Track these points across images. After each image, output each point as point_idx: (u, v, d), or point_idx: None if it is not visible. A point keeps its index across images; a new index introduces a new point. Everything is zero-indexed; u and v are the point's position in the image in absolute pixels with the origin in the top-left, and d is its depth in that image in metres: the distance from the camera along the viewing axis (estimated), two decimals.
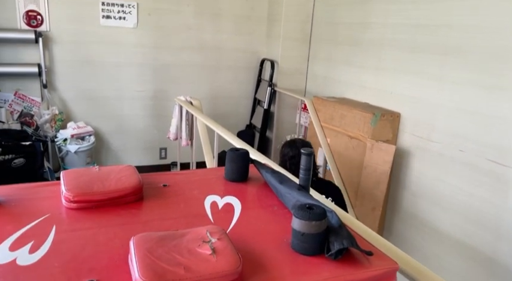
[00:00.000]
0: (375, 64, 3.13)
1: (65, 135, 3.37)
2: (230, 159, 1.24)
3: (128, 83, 3.74)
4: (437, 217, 2.59)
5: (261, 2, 4.05)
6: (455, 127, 2.47)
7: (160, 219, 0.99)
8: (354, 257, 0.85)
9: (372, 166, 2.85)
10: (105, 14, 3.50)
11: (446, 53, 2.50)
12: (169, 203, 1.07)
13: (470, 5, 2.33)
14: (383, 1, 3.01)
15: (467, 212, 2.38)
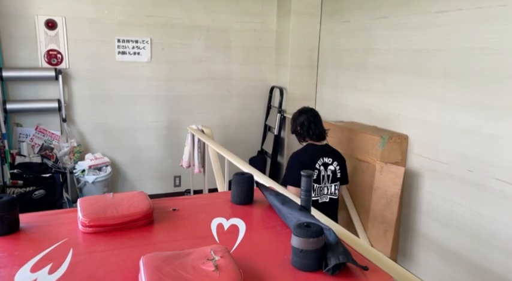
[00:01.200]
0: (380, 88, 3.21)
1: (83, 167, 3.50)
2: (236, 183, 1.31)
3: (143, 115, 3.90)
4: (450, 238, 2.58)
5: (268, 33, 4.21)
6: (461, 147, 2.49)
7: (169, 241, 1.06)
8: (351, 272, 0.89)
9: (382, 188, 2.87)
10: (120, 50, 3.69)
11: (448, 75, 2.56)
12: (177, 226, 1.14)
13: (468, 29, 2.41)
14: (384, 28, 3.12)
15: (479, 232, 2.37)
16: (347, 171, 2.75)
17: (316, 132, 2.65)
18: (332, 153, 2.67)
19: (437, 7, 2.62)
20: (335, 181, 2.62)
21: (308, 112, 2.73)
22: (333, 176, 2.62)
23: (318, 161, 2.59)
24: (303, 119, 2.68)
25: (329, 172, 2.61)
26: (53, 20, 3.47)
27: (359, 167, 3.10)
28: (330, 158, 2.62)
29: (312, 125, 2.65)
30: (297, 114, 2.75)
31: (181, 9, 3.83)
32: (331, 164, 2.61)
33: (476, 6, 2.36)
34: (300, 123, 2.68)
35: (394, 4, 3.01)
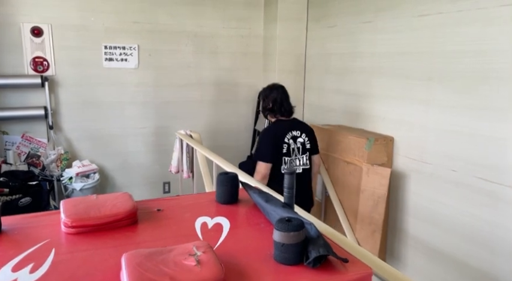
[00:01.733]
0: (366, 91, 3.25)
1: (70, 174, 3.47)
2: (220, 182, 1.31)
3: (131, 121, 3.89)
4: (436, 237, 2.61)
5: (256, 39, 4.25)
6: (445, 148, 2.54)
7: (153, 240, 1.06)
8: (331, 265, 0.91)
9: (369, 189, 2.89)
10: (107, 56, 3.69)
11: (431, 78, 2.61)
12: (161, 226, 1.14)
13: (449, 32, 2.46)
14: (369, 32, 3.17)
15: (463, 230, 2.40)
16: (316, 141, 2.89)
17: (288, 108, 2.78)
18: (300, 126, 2.80)
19: (419, 11, 2.68)
20: (305, 152, 2.76)
21: (279, 88, 2.83)
22: (302, 148, 2.76)
23: (287, 135, 2.72)
24: (276, 96, 2.78)
25: (298, 144, 2.74)
26: (39, 27, 3.46)
27: (347, 169, 3.12)
28: (298, 131, 2.76)
29: (284, 102, 2.78)
30: (268, 91, 2.83)
31: (168, 16, 3.85)
32: (299, 137, 2.75)
33: (456, 9, 2.42)
34: (273, 100, 2.77)
35: (378, 9, 3.06)
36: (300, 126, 2.80)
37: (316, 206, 3.54)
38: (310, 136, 2.81)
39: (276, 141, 2.70)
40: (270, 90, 2.84)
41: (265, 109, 2.85)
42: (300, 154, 2.75)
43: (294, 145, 2.73)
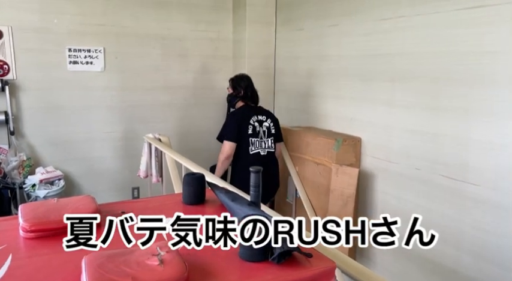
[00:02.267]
0: (333, 93, 3.31)
1: (33, 181, 3.34)
2: (186, 183, 1.30)
3: (97, 126, 3.79)
4: (403, 235, 2.67)
5: (225, 42, 4.25)
6: (409, 147, 2.62)
7: (114, 242, 1.03)
8: (296, 260, 0.92)
9: (338, 189, 2.94)
10: (72, 59, 3.59)
11: (394, 79, 2.70)
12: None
13: (413, 35, 2.54)
14: (336, 35, 3.24)
15: (427, 227, 2.47)
16: (281, 130, 3.16)
17: (256, 95, 3.10)
18: (265, 112, 3.09)
19: (382, 15, 2.77)
20: (270, 136, 3.03)
21: (247, 78, 3.13)
22: (268, 132, 3.02)
23: (253, 117, 2.99)
24: (247, 83, 3.08)
25: (264, 128, 3.01)
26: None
27: (316, 170, 3.17)
28: (263, 116, 3.04)
29: (252, 89, 3.09)
30: (239, 79, 3.11)
31: (133, 18, 3.79)
32: (265, 121, 3.02)
33: (415, 13, 2.52)
34: (245, 87, 3.06)
35: (344, 13, 3.14)
36: (265, 112, 3.08)
37: (287, 207, 3.57)
38: (275, 123, 3.08)
39: (241, 122, 2.94)
40: (241, 78, 3.12)
41: (236, 96, 3.08)
42: (265, 137, 3.01)
43: (260, 128, 2.98)
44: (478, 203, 2.23)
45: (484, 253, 2.21)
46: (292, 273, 0.87)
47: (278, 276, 0.86)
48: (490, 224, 2.18)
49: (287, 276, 0.86)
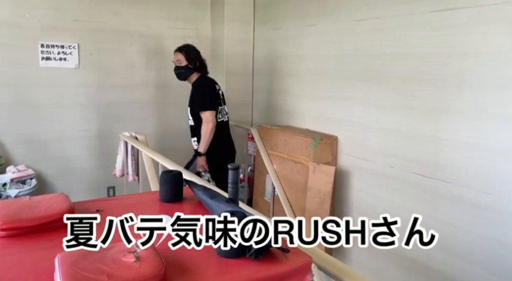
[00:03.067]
0: (311, 93, 3.35)
1: (4, 180, 3.24)
2: (163, 181, 1.29)
3: (71, 124, 3.70)
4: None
5: (203, 40, 4.22)
6: (383, 146, 2.68)
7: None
8: (273, 256, 0.92)
9: (315, 187, 2.98)
10: (44, 55, 3.49)
11: (370, 79, 2.75)
12: (101, 226, 1.10)
13: (389, 36, 2.59)
14: (313, 35, 3.27)
15: (403, 224, 2.54)
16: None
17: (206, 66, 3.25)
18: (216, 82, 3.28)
19: (358, 16, 2.81)
20: (225, 103, 3.27)
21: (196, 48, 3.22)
22: (223, 99, 3.26)
23: (216, 86, 3.20)
24: (199, 54, 3.19)
25: (221, 95, 3.24)
26: None
27: (294, 168, 3.19)
28: (218, 85, 3.24)
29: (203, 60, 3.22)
30: (194, 51, 3.18)
31: (110, 14, 3.72)
32: (220, 89, 3.25)
33: (391, 14, 2.57)
34: (200, 58, 3.17)
35: (321, 13, 3.17)
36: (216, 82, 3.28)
37: (265, 205, 3.58)
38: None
39: (214, 90, 3.15)
40: (194, 49, 3.19)
41: (197, 65, 3.13)
42: (223, 104, 3.24)
43: (222, 96, 3.23)
44: (449, 200, 2.30)
45: (454, 248, 2.29)
46: (269, 268, 0.88)
47: (255, 271, 0.86)
48: (460, 220, 2.26)
49: (264, 271, 0.87)
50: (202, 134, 3.03)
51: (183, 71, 3.14)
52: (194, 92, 3.15)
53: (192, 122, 3.19)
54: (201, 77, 3.17)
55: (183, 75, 3.17)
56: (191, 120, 3.19)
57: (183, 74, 3.16)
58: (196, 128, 3.14)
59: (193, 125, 3.18)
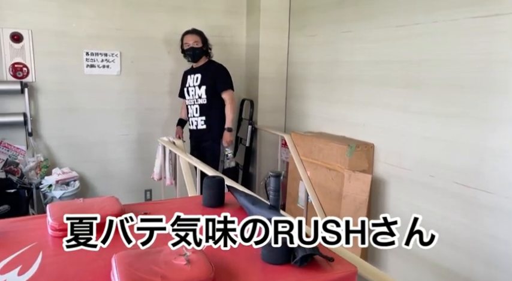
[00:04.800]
0: (346, 99, 3.33)
1: (49, 182, 3.41)
2: (207, 186, 1.33)
3: (112, 128, 3.85)
4: (415, 242, 2.67)
5: (238, 47, 4.29)
6: (422, 154, 2.62)
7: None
8: (318, 264, 0.94)
9: (350, 195, 2.95)
10: (89, 63, 3.66)
11: (408, 86, 2.70)
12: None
13: (429, 42, 2.55)
14: (348, 42, 3.26)
15: (441, 234, 2.47)
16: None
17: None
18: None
19: (397, 22, 2.78)
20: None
21: None
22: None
23: None
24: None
25: None
26: (19, 33, 3.41)
27: (329, 176, 3.18)
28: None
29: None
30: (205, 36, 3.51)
31: (150, 23, 3.86)
32: None
33: (431, 20, 2.53)
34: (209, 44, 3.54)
35: (357, 19, 3.16)
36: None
37: (298, 212, 3.58)
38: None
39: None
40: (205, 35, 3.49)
41: (204, 51, 3.49)
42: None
43: None
44: (492, 211, 2.23)
45: (497, 261, 2.20)
46: (314, 276, 0.89)
47: (300, 279, 0.88)
48: (502, 232, 2.17)
49: (309, 279, 0.88)
50: (229, 112, 3.43)
51: (199, 52, 3.44)
52: (216, 72, 3.45)
53: (205, 101, 3.45)
54: (212, 60, 3.54)
55: (198, 56, 3.46)
56: (202, 99, 3.45)
57: (198, 55, 3.45)
58: (209, 107, 3.44)
59: (206, 103, 3.45)
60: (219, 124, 3.48)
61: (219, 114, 3.48)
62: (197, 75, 3.47)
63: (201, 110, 3.47)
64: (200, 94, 3.43)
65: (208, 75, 3.44)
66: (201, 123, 3.48)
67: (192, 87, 3.51)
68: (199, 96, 3.44)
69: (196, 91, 3.46)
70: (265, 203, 1.23)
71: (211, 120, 3.48)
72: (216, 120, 3.48)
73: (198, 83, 3.46)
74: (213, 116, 3.46)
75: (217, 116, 3.48)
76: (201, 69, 3.49)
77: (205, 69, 3.48)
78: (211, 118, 3.47)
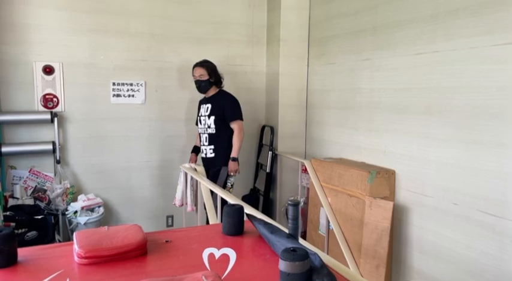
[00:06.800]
0: (366, 126, 3.33)
1: (75, 208, 3.50)
2: (226, 214, 1.36)
3: (136, 155, 3.96)
4: (441, 271, 2.59)
5: (259, 75, 4.40)
6: (445, 181, 2.58)
7: (162, 269, 1.10)
8: None
9: (372, 222, 2.91)
10: (115, 93, 3.82)
11: (429, 112, 2.70)
12: (170, 256, 1.18)
13: (448, 70, 2.55)
14: (368, 69, 3.30)
15: (467, 264, 2.40)
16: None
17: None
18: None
19: (416, 50, 2.81)
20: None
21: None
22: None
23: None
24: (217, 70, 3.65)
25: None
26: (51, 66, 3.61)
27: (349, 202, 3.15)
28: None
29: None
30: (214, 66, 3.60)
31: (174, 54, 4.01)
32: None
33: (451, 48, 2.54)
34: (218, 73, 3.63)
35: (376, 47, 3.20)
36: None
37: (320, 239, 3.54)
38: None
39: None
40: (213, 64, 3.60)
41: (212, 83, 3.57)
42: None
43: None
44: None
45: None
46: None
47: None
48: None
49: None
50: (237, 142, 3.50)
51: (204, 85, 3.54)
52: (225, 103, 3.54)
53: (214, 131, 3.53)
54: (222, 90, 3.63)
55: (205, 89, 3.57)
56: (211, 129, 3.54)
57: (204, 88, 3.56)
58: (218, 136, 3.51)
59: (214, 133, 3.53)
60: (225, 152, 3.53)
61: (226, 143, 3.54)
62: (208, 105, 3.58)
63: (210, 139, 3.56)
64: (209, 124, 3.54)
65: (218, 105, 3.54)
66: (210, 152, 3.56)
67: (203, 117, 3.61)
68: (208, 126, 3.55)
69: (206, 121, 3.57)
70: (284, 231, 1.24)
71: (219, 149, 3.55)
72: (223, 148, 3.54)
73: (208, 112, 3.57)
74: (221, 144, 3.54)
75: (224, 144, 3.54)
76: (211, 99, 3.60)
77: (215, 99, 3.58)
78: (219, 146, 3.55)
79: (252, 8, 4.30)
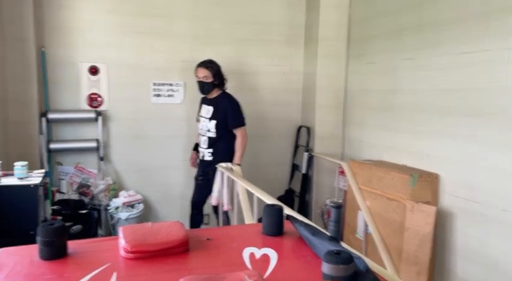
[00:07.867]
0: (409, 128, 3.23)
1: (117, 204, 3.62)
2: (267, 214, 1.36)
3: (174, 154, 4.04)
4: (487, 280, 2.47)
5: (296, 75, 4.37)
6: (493, 186, 2.45)
7: (204, 267, 1.11)
8: None
9: (413, 227, 2.81)
10: (156, 93, 3.92)
11: (475, 114, 2.58)
12: (211, 254, 1.20)
13: (499, 69, 2.43)
14: (411, 69, 3.19)
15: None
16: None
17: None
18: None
19: (463, 49, 2.69)
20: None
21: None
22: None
23: None
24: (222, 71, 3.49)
25: None
26: (96, 67, 3.76)
27: (390, 206, 3.06)
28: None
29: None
30: (219, 68, 3.46)
31: (214, 54, 4.03)
32: None
33: (502, 47, 2.41)
34: (222, 74, 3.48)
35: (420, 46, 3.09)
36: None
37: (357, 243, 3.46)
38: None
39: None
40: (218, 65, 3.45)
41: (215, 85, 3.43)
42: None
43: None
44: None
45: None
46: None
47: None
48: None
49: None
50: (240, 148, 3.43)
51: (207, 87, 3.43)
52: (228, 107, 3.43)
53: (214, 135, 3.43)
54: (225, 93, 3.50)
55: (207, 91, 3.46)
56: (211, 133, 3.43)
57: (207, 90, 3.45)
58: (217, 140, 3.41)
59: (215, 137, 3.42)
60: (224, 156, 3.43)
61: (226, 147, 3.45)
62: (209, 108, 3.46)
63: (209, 142, 3.46)
64: (210, 128, 3.43)
65: (220, 110, 3.42)
66: (208, 155, 3.48)
67: (204, 119, 3.50)
68: (208, 129, 3.45)
69: (206, 123, 3.46)
70: (325, 234, 1.22)
71: (218, 153, 3.45)
72: (222, 152, 3.44)
73: (209, 116, 3.45)
74: (220, 148, 3.44)
75: (224, 148, 3.45)
76: (213, 102, 3.47)
77: (217, 103, 3.45)
78: (218, 150, 3.45)
79: (291, 7, 4.28)
